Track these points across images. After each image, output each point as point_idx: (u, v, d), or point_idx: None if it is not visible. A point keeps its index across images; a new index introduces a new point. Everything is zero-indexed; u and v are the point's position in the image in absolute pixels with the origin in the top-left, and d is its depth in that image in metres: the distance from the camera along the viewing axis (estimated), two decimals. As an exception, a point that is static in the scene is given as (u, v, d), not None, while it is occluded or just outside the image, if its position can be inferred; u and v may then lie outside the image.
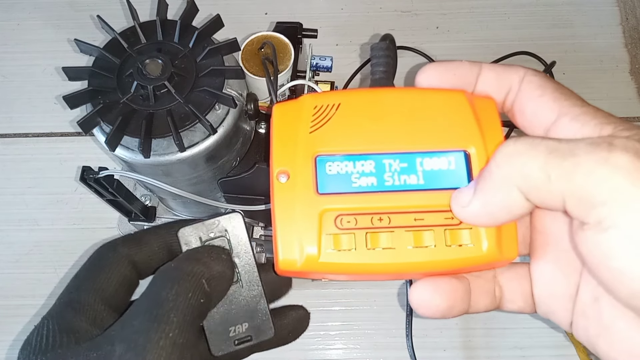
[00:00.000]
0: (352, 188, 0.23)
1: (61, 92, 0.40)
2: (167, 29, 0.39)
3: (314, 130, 0.23)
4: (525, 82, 0.23)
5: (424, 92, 0.24)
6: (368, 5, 0.70)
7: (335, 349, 0.55)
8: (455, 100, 0.24)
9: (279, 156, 0.23)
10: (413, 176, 0.23)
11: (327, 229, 0.23)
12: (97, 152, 0.62)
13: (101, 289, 0.24)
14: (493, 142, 0.24)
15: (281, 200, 0.23)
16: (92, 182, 0.41)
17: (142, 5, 0.41)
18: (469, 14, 0.69)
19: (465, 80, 0.24)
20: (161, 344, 0.21)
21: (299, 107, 0.24)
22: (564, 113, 0.22)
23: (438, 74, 0.24)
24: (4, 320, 0.56)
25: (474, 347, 0.54)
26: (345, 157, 0.23)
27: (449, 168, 0.23)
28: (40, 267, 0.58)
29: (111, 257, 0.25)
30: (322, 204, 0.23)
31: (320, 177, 0.23)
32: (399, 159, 0.23)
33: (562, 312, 0.24)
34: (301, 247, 0.23)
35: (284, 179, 0.23)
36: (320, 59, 0.48)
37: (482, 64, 0.24)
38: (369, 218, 0.23)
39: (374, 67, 0.27)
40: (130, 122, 0.36)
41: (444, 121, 0.24)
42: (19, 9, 0.71)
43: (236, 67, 0.38)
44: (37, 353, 0.22)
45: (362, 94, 0.24)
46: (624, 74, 0.66)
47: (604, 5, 0.69)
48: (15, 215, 0.60)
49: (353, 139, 0.23)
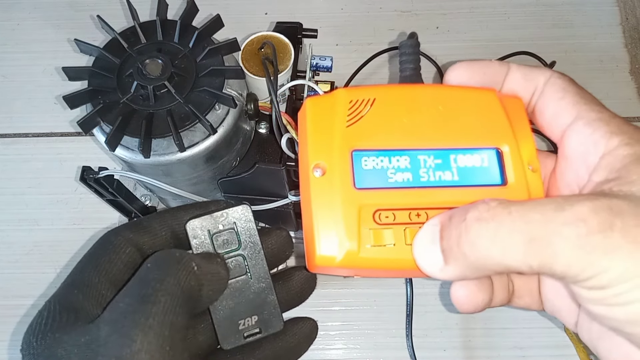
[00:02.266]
0: (388, 183, 0.23)
1: (61, 92, 0.40)
2: (167, 29, 0.39)
3: (350, 125, 0.23)
4: (549, 84, 0.24)
5: (456, 90, 0.24)
6: (368, 5, 0.70)
7: (335, 349, 0.55)
8: (487, 99, 0.24)
9: (315, 150, 0.23)
10: (448, 172, 0.24)
11: (366, 224, 0.23)
12: (97, 152, 0.62)
13: (105, 269, 0.24)
14: (524, 141, 0.24)
15: (318, 194, 0.23)
16: (92, 182, 0.41)
17: (142, 5, 0.41)
18: (469, 14, 0.69)
19: (493, 79, 0.25)
20: (148, 324, 0.20)
21: (333, 101, 0.24)
22: (580, 117, 0.22)
23: (468, 72, 0.25)
24: (4, 320, 0.56)
25: (474, 347, 0.54)
26: (381, 152, 0.23)
27: (482, 165, 0.24)
28: (40, 267, 0.58)
29: (115, 241, 0.25)
30: (360, 199, 0.23)
31: (357, 171, 0.23)
32: (433, 155, 0.24)
33: (567, 311, 0.24)
34: (340, 243, 0.22)
35: (319, 174, 0.23)
36: (320, 59, 0.48)
37: (510, 64, 0.25)
38: (407, 213, 0.23)
39: (403, 64, 0.27)
40: (130, 122, 0.36)
41: (476, 118, 0.24)
42: (19, 9, 0.71)
43: (236, 67, 0.38)
44: (37, 335, 0.21)
45: (397, 90, 0.24)
46: (624, 74, 0.66)
47: (604, 5, 0.69)
48: (15, 215, 0.60)
49: (388, 134, 0.24)
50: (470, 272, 0.21)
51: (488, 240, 0.20)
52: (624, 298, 0.18)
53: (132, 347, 0.19)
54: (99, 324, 0.21)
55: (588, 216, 0.18)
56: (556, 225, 0.19)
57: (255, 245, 0.27)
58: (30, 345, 0.21)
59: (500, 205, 0.20)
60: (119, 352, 0.19)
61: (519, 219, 0.19)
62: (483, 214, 0.20)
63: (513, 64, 0.25)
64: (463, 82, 0.25)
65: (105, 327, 0.21)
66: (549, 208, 0.19)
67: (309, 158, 0.23)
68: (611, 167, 0.21)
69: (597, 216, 0.18)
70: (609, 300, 0.19)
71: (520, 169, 0.24)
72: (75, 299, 0.23)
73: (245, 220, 0.27)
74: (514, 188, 0.24)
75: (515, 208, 0.20)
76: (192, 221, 0.26)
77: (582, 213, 0.18)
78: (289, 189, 0.42)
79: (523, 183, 0.24)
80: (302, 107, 0.24)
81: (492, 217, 0.20)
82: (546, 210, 0.19)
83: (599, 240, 0.18)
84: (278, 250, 0.28)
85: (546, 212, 0.19)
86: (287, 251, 0.28)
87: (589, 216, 0.18)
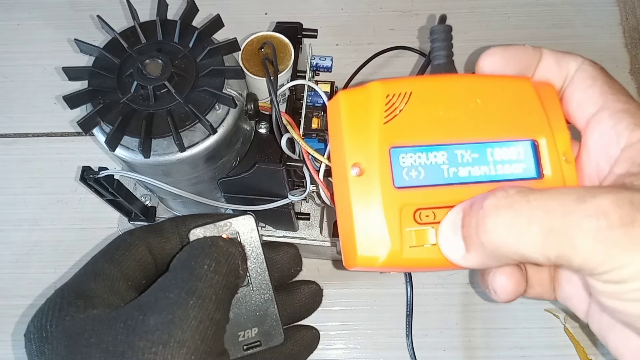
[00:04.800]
0: (427, 180, 0.23)
1: (61, 92, 0.40)
2: (167, 29, 0.39)
3: (388, 121, 0.23)
4: (579, 71, 0.23)
5: (491, 80, 0.24)
6: (368, 5, 0.70)
7: (335, 349, 0.55)
8: (522, 88, 0.24)
9: (353, 148, 0.23)
10: (484, 167, 0.23)
11: (407, 224, 0.22)
12: (97, 152, 0.62)
13: (118, 263, 0.24)
14: (559, 131, 0.23)
15: (358, 194, 0.22)
16: (92, 182, 0.41)
17: (142, 5, 0.41)
18: (469, 14, 0.69)
19: (527, 65, 0.24)
20: (199, 317, 0.20)
21: (368, 96, 0.23)
22: (605, 107, 0.22)
23: (503, 59, 0.24)
24: (4, 320, 0.56)
25: (474, 347, 0.54)
26: (418, 148, 0.23)
27: (518, 158, 0.23)
28: (40, 267, 0.58)
29: (129, 240, 0.25)
30: (400, 198, 0.22)
31: (396, 169, 0.23)
32: (470, 149, 0.23)
33: (579, 300, 0.24)
34: (383, 244, 0.22)
35: (357, 173, 0.22)
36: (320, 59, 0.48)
37: (543, 49, 0.24)
38: (446, 212, 0.23)
39: (435, 52, 0.25)
40: (130, 122, 0.36)
41: (512, 109, 0.23)
42: (19, 9, 0.71)
43: (236, 67, 0.38)
44: (51, 318, 0.21)
45: (433, 83, 0.24)
46: (624, 74, 0.66)
47: (604, 5, 0.69)
48: (15, 215, 0.60)
49: (426, 129, 0.23)
50: (490, 260, 0.21)
51: (504, 228, 0.19)
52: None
53: (181, 336, 0.20)
54: (145, 311, 0.21)
55: (610, 210, 0.18)
56: (577, 218, 0.18)
57: (258, 256, 0.27)
58: (43, 328, 0.21)
59: (518, 193, 0.20)
60: (166, 339, 0.19)
61: (538, 209, 0.19)
62: (501, 201, 0.20)
63: (545, 49, 0.25)
64: (497, 69, 0.24)
65: (154, 315, 0.21)
66: (570, 199, 0.19)
67: (346, 157, 0.23)
68: (632, 160, 0.21)
69: (619, 210, 0.18)
70: (624, 296, 0.19)
71: (556, 160, 0.23)
72: (88, 287, 0.23)
73: (249, 230, 0.27)
74: (549, 181, 0.23)
75: (534, 197, 0.19)
76: (195, 229, 0.26)
77: (603, 206, 0.18)
78: (289, 189, 0.42)
79: (559, 175, 0.23)
80: (335, 101, 0.24)
81: (509, 204, 0.19)
82: (567, 201, 0.19)
83: (620, 235, 0.18)
84: (286, 266, 0.28)
85: (567, 203, 0.19)
86: (295, 268, 0.28)
87: (611, 210, 0.18)
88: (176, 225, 0.26)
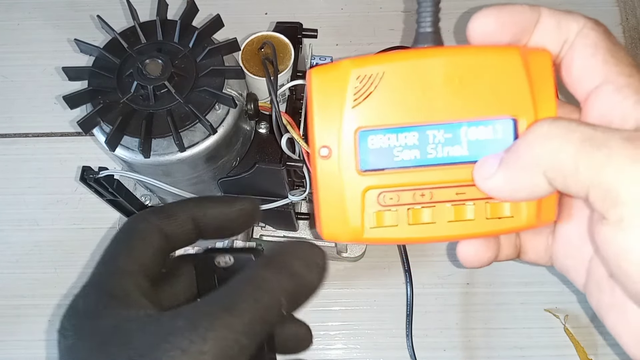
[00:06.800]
0: (394, 163, 0.23)
1: (61, 92, 0.40)
2: (167, 29, 0.39)
3: (357, 104, 0.22)
4: (580, 36, 0.22)
5: (474, 53, 0.22)
6: (368, 5, 0.70)
7: (335, 349, 0.55)
8: (508, 62, 0.22)
9: (321, 130, 0.23)
10: (457, 147, 0.22)
11: (370, 206, 0.23)
12: (97, 152, 0.62)
13: (138, 257, 0.23)
14: (544, 108, 0.22)
15: (324, 176, 0.23)
16: (92, 182, 0.41)
17: (142, 5, 0.41)
18: (469, 14, 0.69)
19: (523, 28, 0.22)
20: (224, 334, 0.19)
21: (339, 76, 0.22)
22: (609, 81, 0.21)
23: (497, 22, 0.22)
24: (4, 320, 0.56)
25: (474, 347, 0.54)
26: (388, 130, 0.22)
27: (495, 137, 0.22)
28: (40, 267, 0.58)
29: (143, 227, 0.24)
30: (364, 182, 0.23)
31: (363, 152, 0.23)
32: (443, 129, 0.22)
33: (576, 272, 0.24)
34: (344, 225, 0.23)
35: (326, 154, 0.23)
36: (320, 59, 0.48)
37: (542, 9, 0.22)
38: (412, 194, 0.23)
39: (421, 18, 0.24)
40: (130, 122, 0.36)
41: (494, 85, 0.22)
42: (19, 9, 0.71)
43: (236, 67, 0.38)
44: (89, 317, 0.21)
45: (408, 62, 0.23)
46: (624, 74, 0.66)
47: (604, 5, 0.69)
48: (15, 215, 0.60)
49: (398, 110, 0.22)
50: (517, 177, 0.21)
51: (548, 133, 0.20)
52: None
53: (202, 346, 0.19)
54: (177, 317, 0.21)
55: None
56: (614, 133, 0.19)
57: None
58: (78, 326, 0.21)
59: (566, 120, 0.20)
60: (187, 346, 0.19)
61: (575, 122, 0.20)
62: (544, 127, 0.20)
63: (545, 8, 0.22)
64: (490, 33, 0.22)
65: (181, 320, 0.20)
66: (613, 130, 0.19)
67: (315, 139, 0.23)
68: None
69: None
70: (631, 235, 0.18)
71: None
72: (118, 286, 0.22)
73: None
74: None
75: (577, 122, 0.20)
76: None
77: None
78: (289, 189, 0.42)
79: None
80: (308, 79, 0.23)
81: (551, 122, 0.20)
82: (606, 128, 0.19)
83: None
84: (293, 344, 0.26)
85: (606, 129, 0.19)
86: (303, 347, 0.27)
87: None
88: (189, 209, 0.25)
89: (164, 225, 0.24)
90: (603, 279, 0.22)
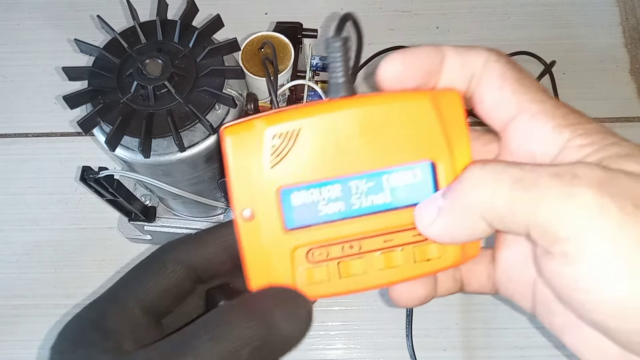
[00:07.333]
0: (320, 218, 0.22)
1: (61, 92, 0.39)
2: (167, 29, 0.39)
3: (276, 164, 0.22)
4: (486, 69, 0.22)
5: (386, 101, 0.22)
6: (368, 5, 0.70)
7: (335, 349, 0.55)
8: (419, 106, 0.22)
9: (242, 194, 0.22)
10: (380, 195, 0.22)
11: (299, 264, 0.22)
12: (97, 152, 0.62)
13: (146, 290, 0.22)
14: (459, 148, 0.23)
15: (249, 239, 0.22)
16: (92, 182, 0.41)
17: (142, 5, 0.41)
18: (469, 14, 0.69)
19: (429, 69, 0.22)
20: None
21: (255, 137, 0.22)
22: (522, 110, 0.21)
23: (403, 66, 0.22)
24: (4, 320, 0.56)
25: (474, 347, 0.54)
26: (311, 185, 0.22)
27: (415, 181, 0.22)
28: (40, 267, 0.58)
29: (164, 260, 0.23)
30: (292, 241, 0.22)
31: (287, 211, 0.22)
32: (365, 178, 0.22)
33: (521, 297, 0.24)
34: (275, 283, 0.22)
35: (249, 215, 0.22)
36: (320, 59, 0.48)
37: (445, 49, 0.22)
38: (340, 247, 0.23)
39: (331, 68, 0.23)
40: (130, 122, 0.36)
41: (409, 131, 0.22)
42: (19, 9, 0.71)
43: (236, 67, 0.38)
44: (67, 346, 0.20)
45: (323, 115, 0.22)
46: (624, 74, 0.66)
47: (604, 5, 0.69)
48: (15, 215, 0.60)
49: (318, 165, 0.22)
50: (456, 223, 0.21)
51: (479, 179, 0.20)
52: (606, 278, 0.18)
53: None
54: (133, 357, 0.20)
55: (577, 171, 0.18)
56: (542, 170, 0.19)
57: None
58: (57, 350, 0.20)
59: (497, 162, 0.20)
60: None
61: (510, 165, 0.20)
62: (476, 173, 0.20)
63: (448, 47, 0.23)
64: (398, 77, 0.22)
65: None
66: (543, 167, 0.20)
67: (235, 204, 0.22)
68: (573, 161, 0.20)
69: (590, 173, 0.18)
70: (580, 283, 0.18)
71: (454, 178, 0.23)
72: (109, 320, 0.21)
73: None
74: None
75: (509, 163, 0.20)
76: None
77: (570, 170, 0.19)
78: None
79: None
80: (221, 140, 0.22)
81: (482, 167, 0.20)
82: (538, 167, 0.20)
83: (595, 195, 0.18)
84: None
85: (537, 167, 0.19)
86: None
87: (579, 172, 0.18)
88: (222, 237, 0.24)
89: (190, 258, 0.23)
90: (551, 301, 0.22)
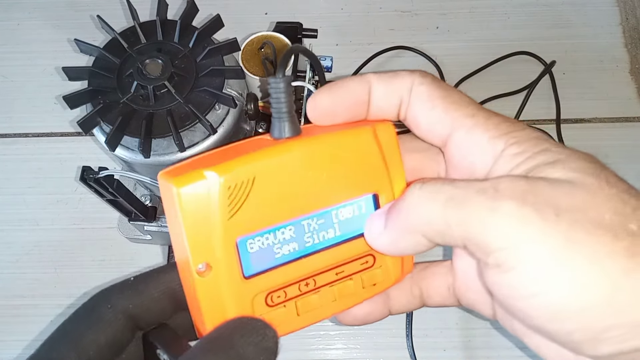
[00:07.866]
0: (276, 260, 0.22)
1: (61, 92, 0.40)
2: (167, 29, 0.39)
3: (233, 215, 0.21)
4: (414, 94, 0.23)
5: (331, 139, 0.23)
6: (368, 5, 0.70)
7: (335, 349, 0.55)
8: (361, 142, 0.23)
9: (197, 249, 0.21)
10: (330, 230, 0.23)
11: (259, 310, 0.22)
12: (97, 152, 0.62)
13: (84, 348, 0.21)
14: (396, 177, 0.24)
15: (207, 296, 0.21)
16: (92, 182, 0.41)
17: (142, 5, 0.41)
18: (469, 14, 0.69)
19: (357, 100, 0.23)
20: None
21: (208, 189, 0.21)
22: (457, 126, 0.22)
23: (330, 99, 0.23)
24: (4, 320, 0.56)
25: (474, 347, 0.54)
26: (266, 231, 0.22)
27: (360, 213, 0.23)
28: (40, 267, 0.58)
29: (103, 312, 0.22)
30: (251, 288, 0.22)
31: (244, 259, 0.22)
32: (316, 217, 0.23)
33: (481, 306, 0.25)
34: None
35: (204, 273, 0.21)
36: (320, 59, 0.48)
37: (370, 77, 0.23)
38: (297, 286, 0.23)
39: (275, 110, 0.23)
40: (130, 122, 0.36)
41: (355, 166, 0.23)
42: (19, 9, 0.71)
43: (236, 67, 0.38)
44: None
45: (274, 161, 0.22)
46: (624, 74, 0.66)
47: (604, 5, 0.69)
48: (15, 215, 0.60)
49: (273, 211, 0.22)
50: (400, 238, 0.22)
51: (417, 199, 0.21)
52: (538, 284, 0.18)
53: None
54: None
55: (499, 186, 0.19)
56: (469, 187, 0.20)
57: None
58: None
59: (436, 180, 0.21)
60: None
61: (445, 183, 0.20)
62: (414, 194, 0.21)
63: (372, 76, 0.23)
64: (327, 111, 0.23)
65: None
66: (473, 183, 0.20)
67: (191, 260, 0.21)
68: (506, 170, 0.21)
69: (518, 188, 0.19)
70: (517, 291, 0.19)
71: None
72: None
73: None
74: None
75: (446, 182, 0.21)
76: None
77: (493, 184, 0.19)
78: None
79: None
80: (167, 191, 0.21)
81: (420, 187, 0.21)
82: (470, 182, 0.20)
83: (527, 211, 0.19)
84: None
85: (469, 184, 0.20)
86: None
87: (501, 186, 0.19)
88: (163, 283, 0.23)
89: (130, 307, 0.22)
90: None
